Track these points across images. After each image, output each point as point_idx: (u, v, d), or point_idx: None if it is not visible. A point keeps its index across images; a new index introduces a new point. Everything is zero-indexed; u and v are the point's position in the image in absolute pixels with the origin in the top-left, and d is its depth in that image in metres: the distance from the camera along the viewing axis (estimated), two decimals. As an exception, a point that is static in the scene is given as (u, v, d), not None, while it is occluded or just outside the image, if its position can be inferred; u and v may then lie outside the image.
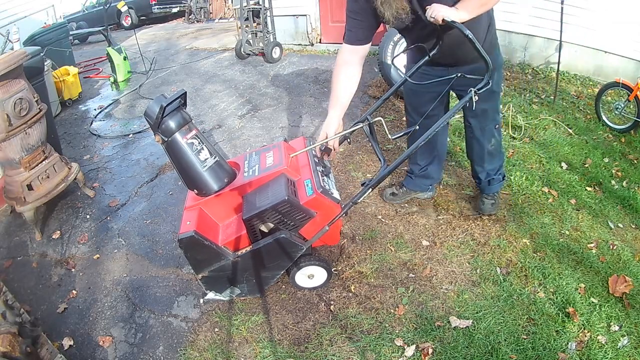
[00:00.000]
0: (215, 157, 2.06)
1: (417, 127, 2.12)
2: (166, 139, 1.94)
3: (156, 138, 1.94)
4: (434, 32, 1.93)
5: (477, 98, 1.89)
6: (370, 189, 2.01)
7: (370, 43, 2.08)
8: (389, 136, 1.95)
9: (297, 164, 2.15)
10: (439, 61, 2.13)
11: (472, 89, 1.88)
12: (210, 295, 2.21)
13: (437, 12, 1.73)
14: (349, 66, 2.06)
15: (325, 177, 2.13)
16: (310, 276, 2.22)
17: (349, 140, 2.28)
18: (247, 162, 2.18)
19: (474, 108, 1.95)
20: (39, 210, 2.96)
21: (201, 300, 2.29)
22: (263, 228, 1.99)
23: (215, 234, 2.04)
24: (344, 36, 2.06)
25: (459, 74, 2.06)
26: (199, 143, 2.02)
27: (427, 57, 2.15)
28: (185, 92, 2.01)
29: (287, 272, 2.19)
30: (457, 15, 1.74)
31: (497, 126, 2.42)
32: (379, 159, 2.03)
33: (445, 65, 2.17)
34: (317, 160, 2.20)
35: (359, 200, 2.02)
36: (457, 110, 2.00)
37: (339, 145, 2.19)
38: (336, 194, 2.08)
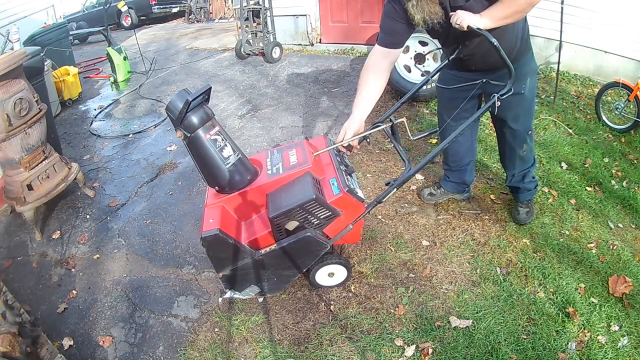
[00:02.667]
0: (238, 155, 2.04)
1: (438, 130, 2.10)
2: (188, 135, 1.91)
3: (177, 133, 1.91)
4: (463, 35, 1.90)
5: (499, 104, 1.90)
6: (395, 189, 2.02)
7: (402, 49, 2.05)
8: (411, 137, 1.95)
9: (321, 163, 2.14)
10: (466, 65, 2.12)
11: (495, 94, 1.90)
12: (229, 294, 2.18)
13: (462, 19, 1.75)
14: (378, 69, 2.01)
15: (348, 177, 2.13)
16: (331, 274, 2.22)
17: (368, 140, 2.27)
18: (269, 160, 2.17)
19: (495, 113, 1.95)
20: (39, 210, 2.96)
21: (219, 299, 2.29)
22: (288, 226, 1.98)
23: (238, 232, 2.02)
24: (377, 38, 2.03)
25: (484, 80, 2.07)
26: (222, 140, 1.99)
27: (446, 61, 2.17)
28: (210, 88, 1.97)
29: (308, 270, 2.17)
30: (481, 22, 1.75)
31: (529, 132, 2.36)
32: (403, 160, 2.01)
33: (472, 70, 2.15)
34: (339, 160, 2.20)
35: (384, 200, 2.03)
36: (479, 115, 2.02)
37: (359, 144, 2.18)
38: (360, 193, 2.07)
